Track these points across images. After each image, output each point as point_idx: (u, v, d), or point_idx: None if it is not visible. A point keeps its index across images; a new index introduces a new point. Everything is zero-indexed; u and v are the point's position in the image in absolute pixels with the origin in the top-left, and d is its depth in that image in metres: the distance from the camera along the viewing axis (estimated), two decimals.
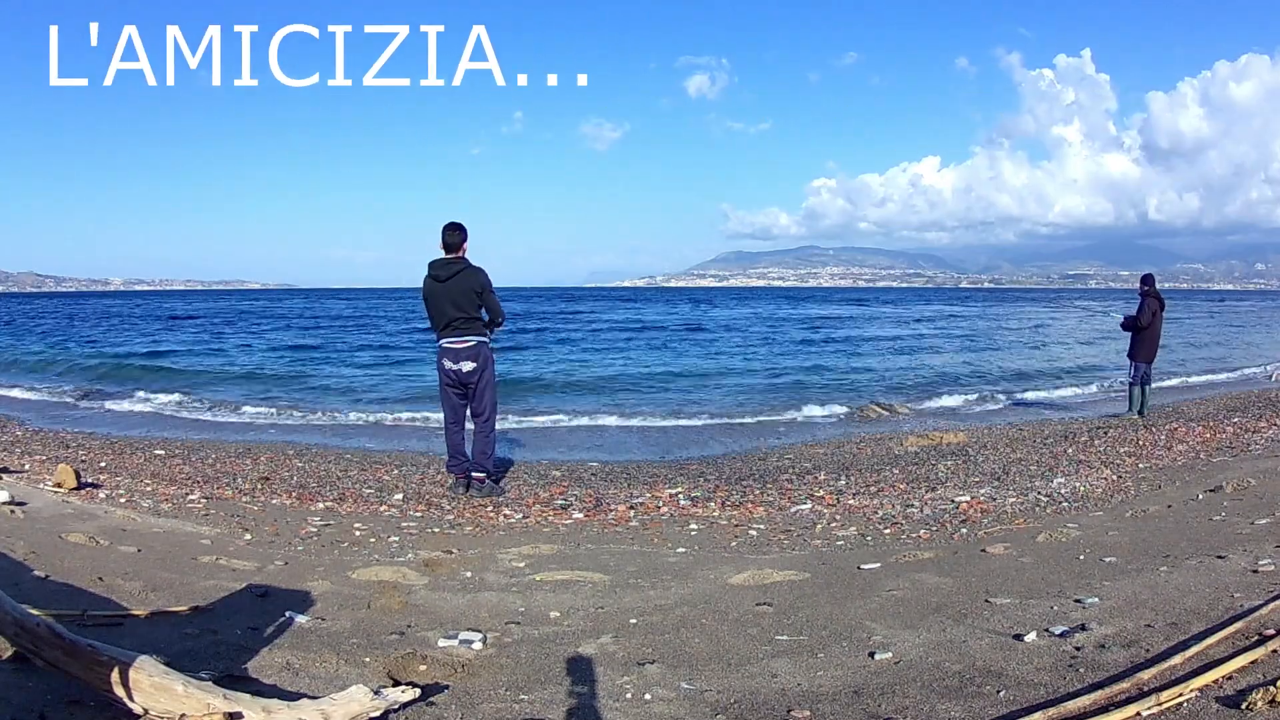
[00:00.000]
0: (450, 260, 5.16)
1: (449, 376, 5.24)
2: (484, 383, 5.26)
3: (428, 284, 5.19)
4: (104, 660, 1.84)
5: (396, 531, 4.29)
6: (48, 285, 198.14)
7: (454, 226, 5.19)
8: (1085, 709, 1.89)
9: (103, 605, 2.68)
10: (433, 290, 5.16)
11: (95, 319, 32.93)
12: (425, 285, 5.21)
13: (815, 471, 5.93)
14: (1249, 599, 2.53)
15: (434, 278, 5.16)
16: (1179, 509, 4.20)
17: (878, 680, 2.20)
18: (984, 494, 5.01)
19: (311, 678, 2.23)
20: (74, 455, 6.13)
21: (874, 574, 3.30)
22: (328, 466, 6.05)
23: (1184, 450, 6.24)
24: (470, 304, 5.15)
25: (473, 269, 5.16)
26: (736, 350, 19.28)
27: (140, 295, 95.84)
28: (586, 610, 2.97)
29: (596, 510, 4.86)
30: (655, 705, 2.12)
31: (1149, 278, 8.86)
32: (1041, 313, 40.14)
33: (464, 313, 5.15)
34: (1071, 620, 2.52)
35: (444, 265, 5.15)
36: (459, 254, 5.18)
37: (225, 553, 3.67)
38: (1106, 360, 15.15)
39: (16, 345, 19.61)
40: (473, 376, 5.22)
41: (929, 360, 17.14)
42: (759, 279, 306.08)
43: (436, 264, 5.18)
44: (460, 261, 5.16)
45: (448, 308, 5.14)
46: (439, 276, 5.14)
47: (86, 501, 4.54)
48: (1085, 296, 78.75)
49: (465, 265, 5.15)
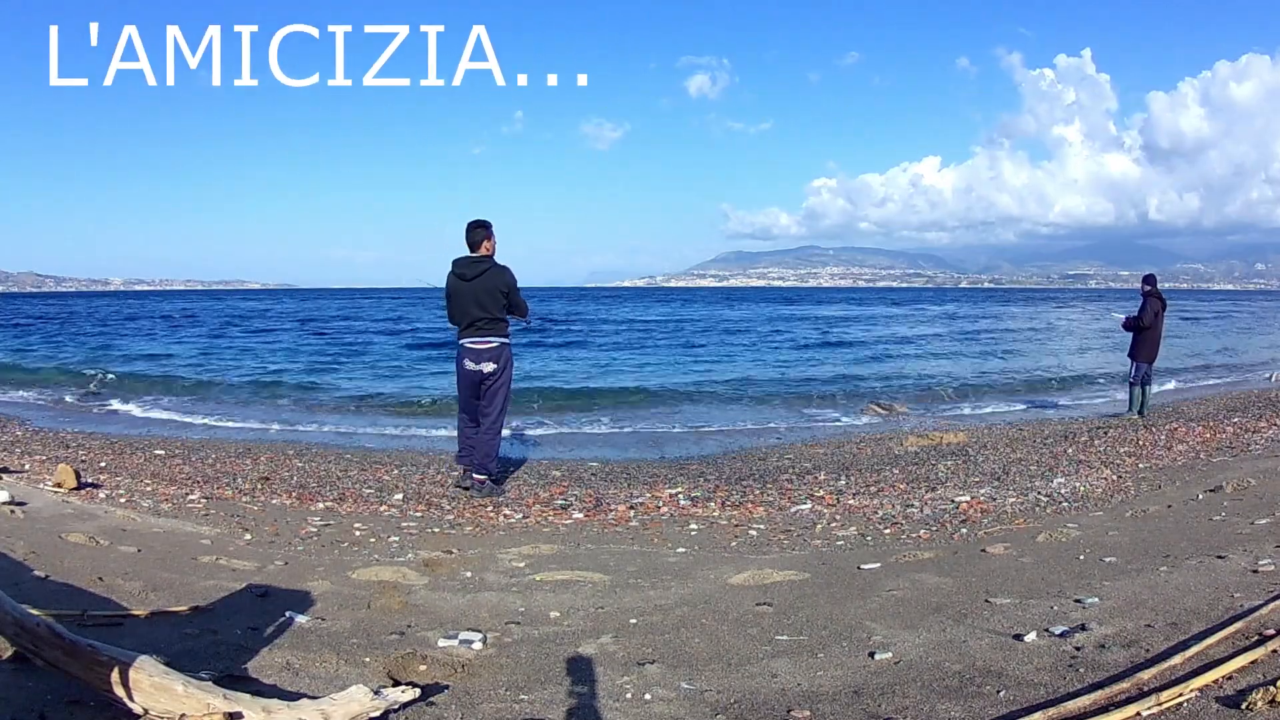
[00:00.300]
0: (476, 259, 5.11)
1: (468, 376, 5.20)
2: (500, 384, 5.22)
3: (452, 282, 5.15)
4: (104, 660, 1.84)
5: (396, 531, 4.29)
6: (48, 285, 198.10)
7: (477, 224, 5.15)
8: (1085, 709, 1.89)
9: (103, 605, 2.68)
10: (457, 289, 5.12)
11: (123, 321, 30.92)
12: (449, 283, 5.17)
13: (815, 471, 5.93)
14: (1249, 599, 2.53)
15: (459, 276, 5.11)
16: (1179, 509, 4.20)
17: (878, 680, 2.20)
18: (984, 494, 5.01)
19: (311, 678, 2.23)
20: (74, 455, 6.13)
21: (874, 574, 3.30)
22: (328, 466, 6.05)
23: (1184, 450, 6.24)
24: (495, 304, 5.10)
25: (499, 268, 5.12)
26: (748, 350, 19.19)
27: (141, 295, 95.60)
28: (586, 610, 2.97)
29: (596, 510, 4.86)
30: (655, 705, 2.12)
31: (1151, 278, 8.87)
32: (1041, 312, 40.15)
33: (488, 313, 5.10)
34: (1071, 620, 2.52)
35: (469, 264, 5.10)
36: (483, 252, 5.13)
37: (225, 553, 3.67)
38: (1107, 361, 15.14)
39: (54, 356, 17.82)
40: (491, 378, 5.19)
41: (931, 360, 17.14)
42: (759, 279, 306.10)
43: (461, 262, 5.13)
44: (486, 260, 5.11)
45: (472, 307, 5.09)
46: (464, 275, 5.09)
47: (86, 501, 4.54)
48: (1082, 297, 78.75)
49: (491, 264, 5.11)
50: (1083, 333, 24.97)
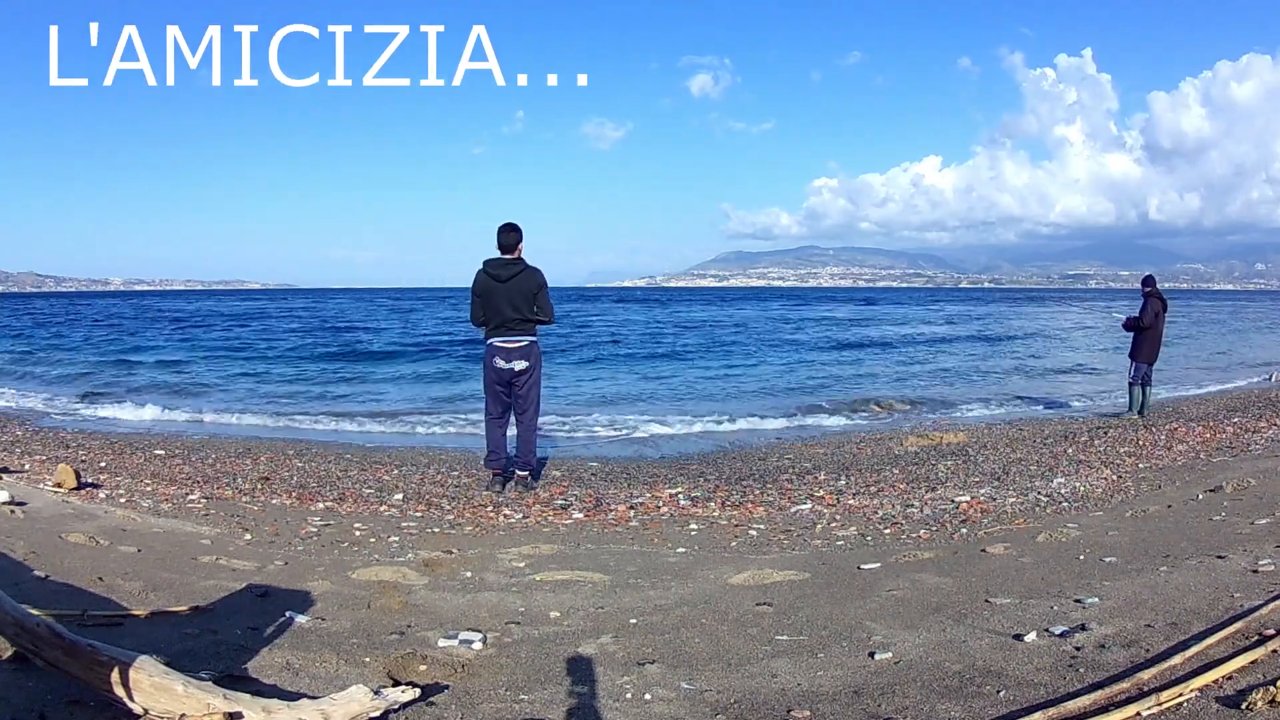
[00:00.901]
0: (510, 261, 5.20)
1: (499, 374, 5.27)
2: (532, 381, 5.32)
3: (485, 282, 5.20)
4: (104, 660, 1.84)
5: (396, 531, 4.29)
6: (48, 285, 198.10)
7: (510, 227, 5.23)
8: (1085, 709, 1.89)
9: (103, 605, 2.68)
10: (491, 289, 5.18)
11: (156, 323, 29.36)
12: (480, 282, 5.22)
13: (815, 471, 5.93)
14: (1249, 599, 2.53)
15: (494, 277, 5.17)
16: (1179, 509, 4.20)
17: (878, 680, 2.20)
18: (984, 494, 5.01)
19: (311, 678, 2.23)
20: (74, 455, 6.13)
21: (874, 574, 3.30)
22: (328, 466, 6.05)
23: (1184, 450, 6.24)
24: (527, 305, 5.20)
25: (531, 270, 5.22)
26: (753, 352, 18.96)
27: (142, 295, 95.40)
28: (586, 610, 2.97)
29: (596, 510, 4.86)
30: (655, 705, 2.12)
31: (1150, 279, 8.92)
32: (1042, 312, 40.16)
33: (520, 313, 5.19)
34: (1071, 620, 2.52)
35: (503, 265, 5.19)
36: (516, 254, 5.22)
37: (225, 553, 3.67)
38: (1107, 361, 15.14)
39: (75, 356, 17.37)
40: (523, 375, 5.26)
41: (931, 360, 17.14)
42: (759, 279, 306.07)
43: (494, 263, 5.20)
44: (519, 263, 5.21)
45: (505, 308, 5.17)
46: (499, 276, 5.16)
47: (86, 501, 4.54)
48: (1078, 297, 78.66)
49: (524, 266, 5.20)
50: (1082, 333, 24.97)
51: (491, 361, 5.27)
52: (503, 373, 5.25)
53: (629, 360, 17.23)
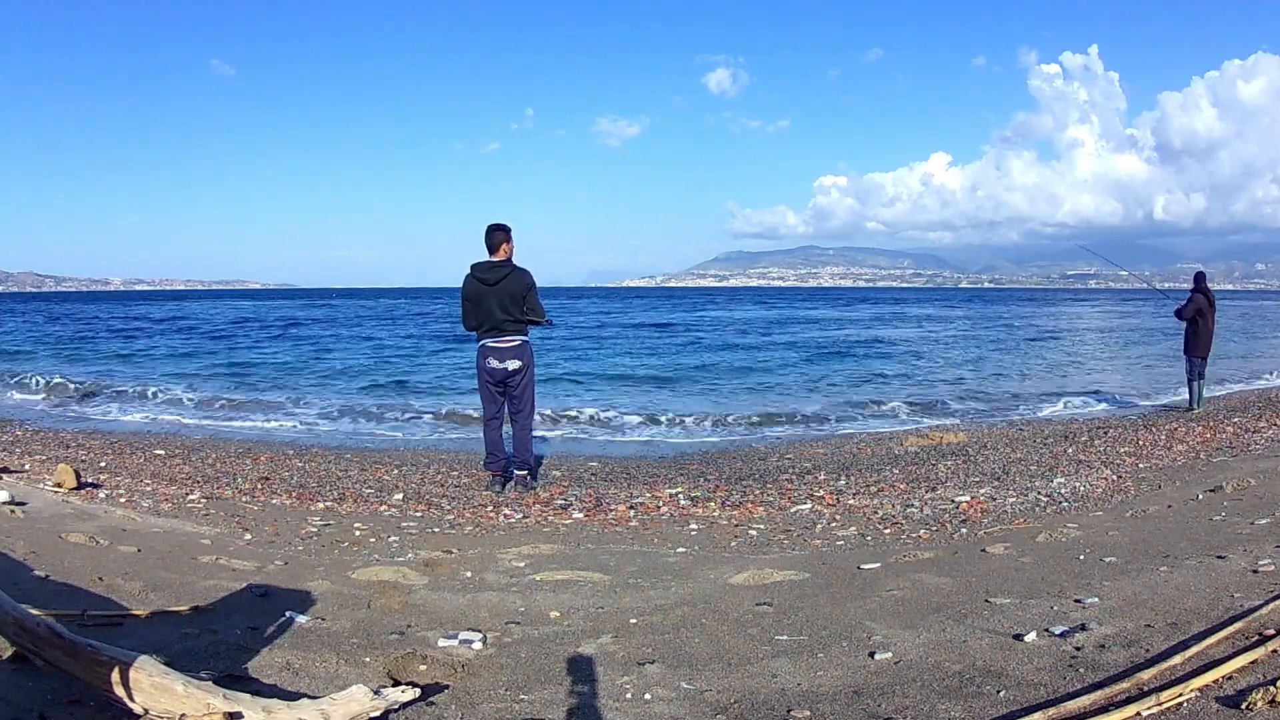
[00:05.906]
0: (497, 264, 5.20)
1: (492, 375, 5.27)
2: (526, 380, 5.33)
3: (473, 286, 5.20)
4: (104, 660, 1.84)
5: (396, 531, 4.29)
6: (48, 285, 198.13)
7: (496, 228, 5.23)
8: (1085, 709, 1.89)
9: (103, 605, 2.68)
10: (480, 293, 5.18)
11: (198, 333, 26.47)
12: (469, 286, 5.22)
13: (815, 471, 5.93)
14: (1249, 599, 2.53)
15: (482, 281, 5.18)
16: (1179, 509, 4.20)
17: (878, 680, 2.20)
18: (984, 494, 5.01)
19: (311, 678, 2.23)
20: (74, 455, 6.14)
21: (874, 574, 3.30)
22: (328, 466, 6.05)
23: (1184, 450, 6.24)
24: (517, 307, 5.20)
25: (519, 271, 5.21)
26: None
27: (143, 295, 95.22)
28: (586, 610, 2.97)
29: (596, 510, 4.86)
30: (655, 705, 2.11)
31: (1201, 275, 9.17)
32: (1040, 312, 40.14)
33: (510, 315, 5.20)
34: (1071, 620, 2.52)
35: (491, 268, 5.18)
36: (502, 255, 5.21)
37: (225, 553, 3.67)
38: (1107, 362, 15.13)
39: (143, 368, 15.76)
40: (516, 375, 5.26)
41: (931, 361, 17.14)
42: (759, 279, 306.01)
43: (482, 267, 5.20)
44: (507, 265, 5.20)
45: (495, 311, 5.17)
46: (487, 280, 5.16)
47: (86, 501, 4.54)
48: (1081, 297, 78.55)
49: (512, 268, 5.20)
50: (1082, 333, 24.96)
51: (485, 363, 5.26)
52: (496, 373, 5.25)
53: (629, 360, 17.27)
